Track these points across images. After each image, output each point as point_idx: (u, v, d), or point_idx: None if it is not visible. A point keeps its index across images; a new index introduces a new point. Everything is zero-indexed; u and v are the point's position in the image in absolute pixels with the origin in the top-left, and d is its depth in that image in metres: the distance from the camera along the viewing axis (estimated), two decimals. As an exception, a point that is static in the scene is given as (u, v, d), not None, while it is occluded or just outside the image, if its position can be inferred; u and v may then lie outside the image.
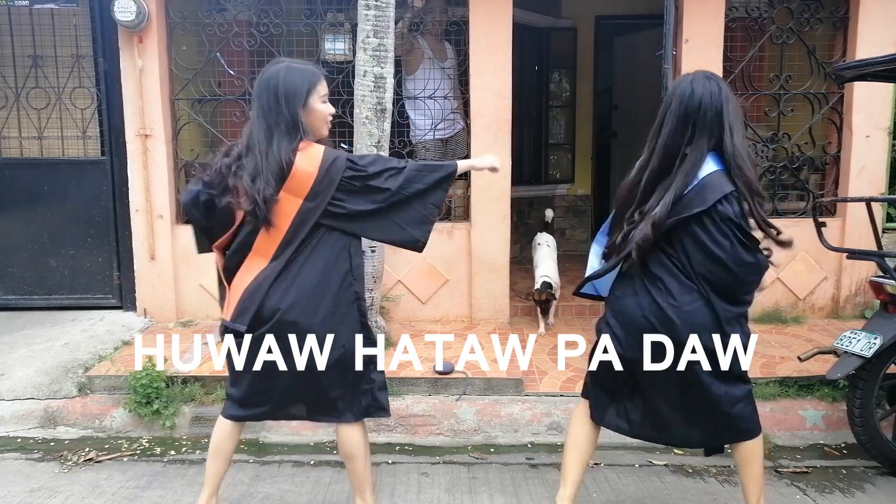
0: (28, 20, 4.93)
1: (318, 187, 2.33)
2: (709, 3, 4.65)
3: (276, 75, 2.34)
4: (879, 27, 4.68)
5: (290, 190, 2.32)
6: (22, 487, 3.15)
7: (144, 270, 4.93)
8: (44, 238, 5.07)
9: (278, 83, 2.32)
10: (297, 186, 2.32)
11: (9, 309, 5.05)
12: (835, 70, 3.67)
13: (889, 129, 4.81)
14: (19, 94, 5.00)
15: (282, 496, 3.07)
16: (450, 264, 4.91)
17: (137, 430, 3.74)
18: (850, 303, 4.93)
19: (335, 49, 4.88)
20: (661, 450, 3.45)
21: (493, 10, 4.68)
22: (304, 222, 2.35)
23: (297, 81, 2.34)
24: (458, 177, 5.26)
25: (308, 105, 2.36)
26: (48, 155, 5.05)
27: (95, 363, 4.15)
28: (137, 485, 3.18)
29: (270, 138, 2.31)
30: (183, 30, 4.91)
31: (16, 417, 3.80)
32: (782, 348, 4.28)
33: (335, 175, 2.35)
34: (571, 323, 5.09)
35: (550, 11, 6.92)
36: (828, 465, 3.36)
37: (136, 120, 4.77)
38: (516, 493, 3.09)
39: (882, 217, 4.91)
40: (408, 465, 3.36)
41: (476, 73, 4.75)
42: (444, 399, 3.84)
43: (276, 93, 2.32)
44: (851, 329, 3.26)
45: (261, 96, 2.35)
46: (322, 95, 2.40)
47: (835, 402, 3.71)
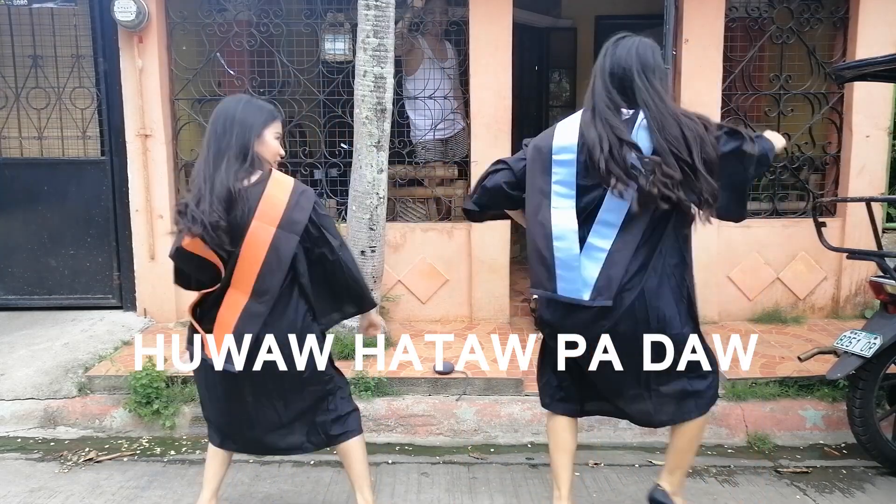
0: (28, 20, 4.93)
1: (291, 215, 2.32)
2: (709, 3, 4.65)
3: (234, 105, 2.39)
4: (879, 27, 4.68)
5: (263, 218, 2.31)
6: (22, 487, 3.15)
7: (144, 270, 4.93)
8: (44, 238, 5.07)
9: (236, 112, 2.36)
10: (269, 213, 2.31)
11: (9, 309, 5.05)
12: (835, 70, 3.67)
13: (889, 129, 4.81)
14: (19, 94, 5.00)
15: (282, 496, 3.07)
16: (450, 264, 4.91)
17: (137, 430, 3.74)
18: (850, 303, 4.93)
19: (335, 49, 4.88)
20: (661, 450, 3.45)
21: (493, 10, 4.68)
22: (281, 252, 2.31)
23: (255, 112, 2.39)
24: (457, 176, 5.30)
25: (263, 136, 2.39)
26: (48, 155, 5.05)
27: (95, 363, 4.15)
28: (137, 485, 3.18)
29: (219, 164, 2.30)
30: (183, 30, 4.91)
31: (16, 417, 3.80)
32: (782, 348, 4.28)
33: (306, 205, 2.35)
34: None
35: (550, 11, 6.92)
36: (828, 465, 3.37)
37: (136, 120, 4.77)
38: (516, 493, 3.09)
39: (882, 217, 4.91)
40: (408, 465, 3.36)
41: (476, 73, 4.74)
42: (444, 399, 3.84)
43: (232, 120, 2.35)
44: (851, 329, 3.26)
45: (216, 122, 2.37)
46: (276, 132, 2.44)
47: (835, 402, 3.71)
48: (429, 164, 5.14)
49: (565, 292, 2.32)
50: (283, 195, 2.33)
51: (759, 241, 4.85)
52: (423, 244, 4.90)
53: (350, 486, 2.64)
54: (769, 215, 4.97)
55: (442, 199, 5.14)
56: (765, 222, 4.91)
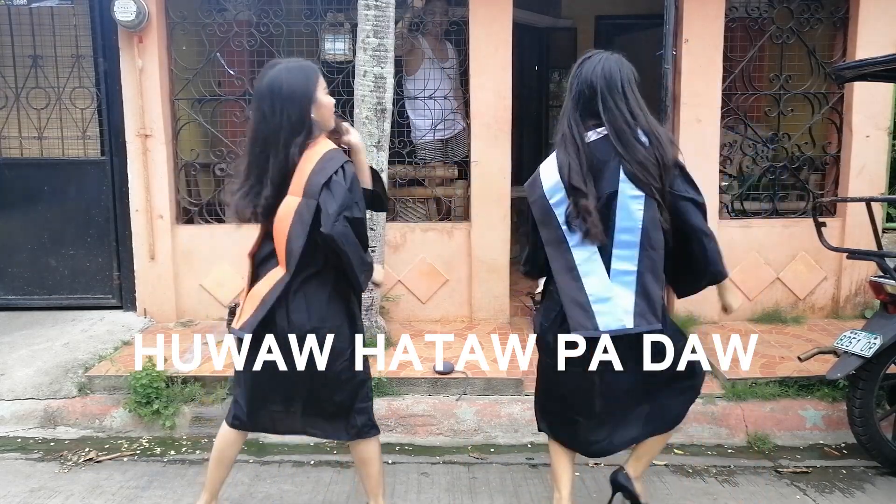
0: (28, 20, 4.93)
1: (312, 180, 2.26)
2: (709, 3, 4.65)
3: (277, 78, 2.30)
4: (879, 27, 4.68)
5: (293, 192, 2.29)
6: (22, 487, 3.15)
7: (144, 270, 4.92)
8: (44, 238, 5.07)
9: (282, 85, 2.28)
10: (297, 183, 2.28)
11: (9, 309, 5.05)
12: (835, 70, 3.67)
13: (889, 129, 4.81)
14: (19, 94, 5.00)
15: (282, 496, 3.07)
16: (450, 264, 4.91)
17: (137, 430, 3.74)
18: (850, 303, 4.93)
19: (335, 49, 4.88)
20: (660, 449, 3.46)
21: (493, 10, 4.68)
22: (303, 223, 2.26)
23: (301, 79, 2.31)
24: (457, 176, 5.30)
25: (317, 99, 2.34)
26: (48, 155, 5.05)
27: (95, 363, 4.15)
28: (137, 485, 3.18)
29: (276, 144, 2.28)
30: (183, 30, 4.91)
31: (16, 417, 3.80)
32: (782, 348, 4.28)
33: (328, 169, 2.26)
34: (571, 323, 5.08)
35: (550, 11, 6.92)
36: (828, 465, 3.36)
37: (136, 120, 4.76)
38: (516, 493, 3.09)
39: (882, 217, 4.90)
40: (408, 465, 3.36)
41: (476, 73, 4.74)
42: (444, 399, 3.84)
43: (280, 96, 2.27)
44: (851, 329, 3.26)
45: (263, 100, 2.30)
46: (324, 87, 2.38)
47: (835, 402, 3.71)
48: (429, 165, 5.14)
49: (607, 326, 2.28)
50: (310, 164, 2.28)
51: (759, 241, 4.85)
52: (423, 244, 4.90)
53: (355, 488, 2.64)
54: (769, 215, 4.97)
55: (442, 199, 5.14)
56: (765, 222, 4.91)
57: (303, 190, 2.27)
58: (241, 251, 2.56)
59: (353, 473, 3.25)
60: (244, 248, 2.50)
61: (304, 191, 2.27)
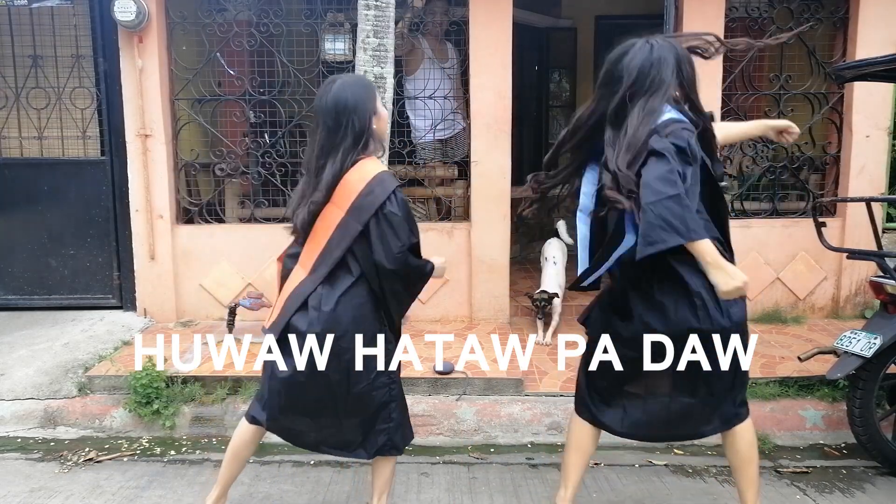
0: (28, 20, 4.93)
1: (360, 202, 2.31)
2: (709, 3, 4.65)
3: (341, 93, 2.35)
4: (879, 27, 4.68)
5: (336, 202, 2.34)
6: (22, 487, 3.15)
7: (144, 270, 4.92)
8: (44, 238, 5.07)
9: (346, 98, 2.34)
10: (343, 198, 2.33)
11: (9, 309, 5.05)
12: (835, 70, 3.67)
13: (889, 129, 4.81)
14: (19, 94, 5.00)
15: (282, 496, 3.07)
16: (450, 264, 4.88)
17: (137, 430, 3.74)
18: (850, 303, 4.93)
19: (335, 49, 4.88)
20: (661, 450, 3.46)
21: (493, 10, 4.68)
22: (344, 238, 2.32)
23: (362, 93, 2.39)
24: (457, 176, 5.30)
25: (378, 111, 2.41)
26: (48, 155, 5.05)
27: (95, 363, 4.15)
28: (137, 485, 3.18)
29: (335, 154, 2.33)
30: (183, 30, 4.91)
31: (16, 417, 3.80)
32: (782, 348, 4.28)
33: (379, 195, 2.30)
34: (571, 323, 5.08)
35: (550, 11, 6.92)
36: (828, 465, 3.36)
37: (136, 120, 4.76)
38: (516, 493, 3.09)
39: (882, 217, 4.91)
40: (408, 465, 3.36)
41: (476, 73, 4.74)
42: (444, 399, 3.84)
43: (346, 107, 2.33)
44: (851, 329, 3.26)
45: (328, 115, 2.35)
46: (381, 100, 2.48)
47: (835, 402, 3.71)
48: (429, 165, 5.14)
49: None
50: (360, 183, 2.32)
51: (759, 240, 4.85)
52: (423, 244, 4.80)
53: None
54: (769, 215, 4.97)
55: (442, 199, 5.14)
56: (765, 222, 4.91)
57: (348, 207, 2.32)
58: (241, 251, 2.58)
59: (353, 473, 3.25)
60: (244, 248, 2.51)
61: (350, 209, 2.32)
